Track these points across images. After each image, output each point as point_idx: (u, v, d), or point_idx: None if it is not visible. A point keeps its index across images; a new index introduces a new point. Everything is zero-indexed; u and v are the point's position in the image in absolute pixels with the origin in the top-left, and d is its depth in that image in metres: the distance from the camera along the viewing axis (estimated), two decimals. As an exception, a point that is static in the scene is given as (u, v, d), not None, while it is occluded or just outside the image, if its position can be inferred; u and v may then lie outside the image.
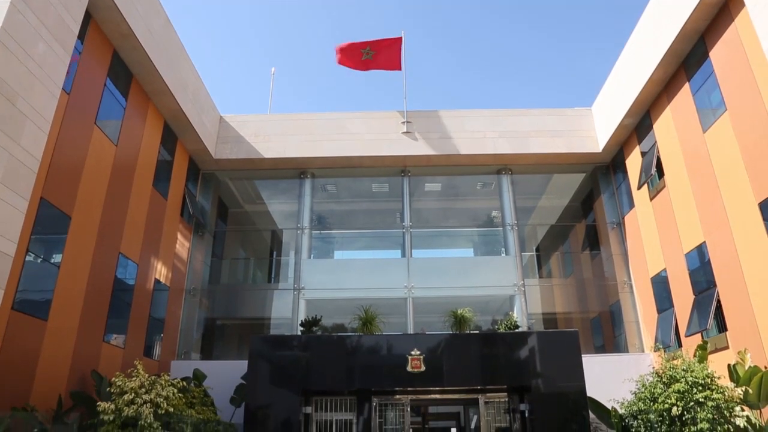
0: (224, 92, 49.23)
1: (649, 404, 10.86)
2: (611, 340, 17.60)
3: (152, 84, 14.49)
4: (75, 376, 11.36)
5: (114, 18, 12.34)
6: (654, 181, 15.62)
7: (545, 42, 47.13)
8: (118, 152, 13.33)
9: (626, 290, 17.01)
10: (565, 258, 21.45)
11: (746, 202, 11.57)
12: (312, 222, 18.72)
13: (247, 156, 17.94)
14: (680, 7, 12.99)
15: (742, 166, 11.74)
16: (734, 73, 11.99)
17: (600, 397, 12.21)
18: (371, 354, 12.63)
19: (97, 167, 12.46)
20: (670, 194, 14.71)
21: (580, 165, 18.73)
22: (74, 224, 11.49)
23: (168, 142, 16.05)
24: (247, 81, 52.36)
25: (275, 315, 18.13)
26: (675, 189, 14.51)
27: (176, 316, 16.35)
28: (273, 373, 12.35)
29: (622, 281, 17.16)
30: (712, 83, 12.81)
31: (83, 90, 11.92)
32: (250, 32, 50.43)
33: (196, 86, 16.63)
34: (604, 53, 46.32)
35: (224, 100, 51.13)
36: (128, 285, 13.78)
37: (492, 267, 18.13)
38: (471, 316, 13.76)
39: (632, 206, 16.93)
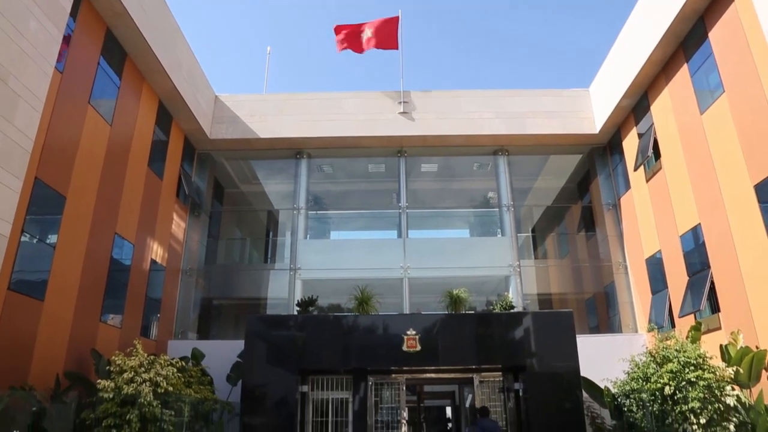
0: (219, 72, 48.81)
1: (642, 384, 11.01)
2: (605, 321, 17.76)
3: (146, 63, 14.34)
4: (72, 356, 11.42)
5: (107, -5, 12.17)
6: (650, 163, 15.63)
7: (543, 22, 46.73)
8: (113, 132, 13.24)
9: (621, 271, 17.12)
10: (561, 239, 21.53)
11: (742, 185, 11.60)
12: (308, 202, 18.70)
13: (243, 136, 17.84)
14: (680, -13, 12.87)
15: (739, 149, 11.74)
16: (733, 55, 11.94)
17: (593, 377, 12.36)
18: (367, 334, 12.71)
19: (92, 147, 12.38)
20: (667, 176, 14.73)
21: (577, 146, 18.71)
22: (69, 204, 11.45)
23: (163, 122, 15.94)
24: (243, 60, 51.89)
25: (272, 295, 18.19)
26: (671, 171, 14.53)
27: (173, 296, 16.40)
28: (270, 353, 12.43)
29: (617, 262, 17.26)
30: (711, 64, 12.75)
31: (76, 69, 11.79)
32: (246, 11, 49.82)
33: (191, 65, 16.47)
34: (603, 34, 45.99)
35: (220, 80, 50.70)
36: (124, 265, 13.79)
37: (488, 248, 18.19)
38: (466, 297, 13.84)
39: (628, 188, 16.96)
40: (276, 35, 49.34)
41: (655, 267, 15.37)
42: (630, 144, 16.86)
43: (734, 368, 10.69)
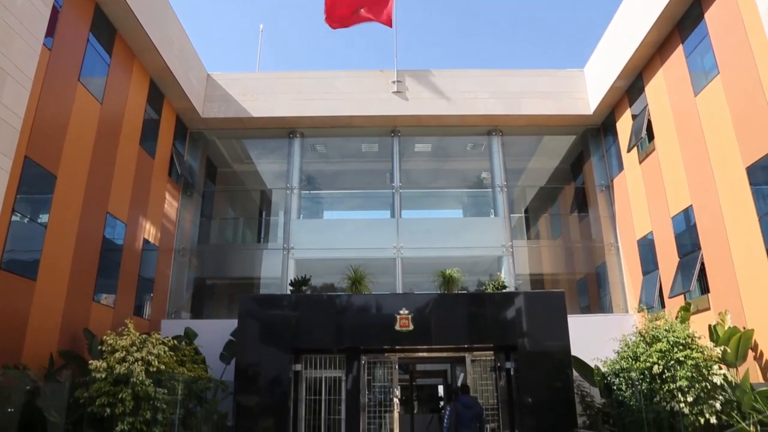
0: (211, 50, 48.23)
1: (631, 363, 11.16)
2: (596, 301, 17.93)
3: (137, 40, 14.13)
4: (65, 336, 11.43)
5: (95, -30, 11.94)
6: (644, 144, 15.65)
7: (539, 1, 46.30)
8: (104, 110, 13.09)
9: (613, 252, 17.23)
10: (554, 220, 21.61)
11: (734, 167, 11.65)
12: (301, 182, 18.64)
13: (236, 115, 17.70)
14: (677, -33, 12.75)
15: (732, 131, 11.76)
16: (728, 36, 11.89)
17: (584, 356, 12.51)
18: (360, 313, 12.79)
19: (82, 125, 12.25)
20: (660, 157, 14.76)
21: (571, 127, 18.69)
22: (60, 183, 11.36)
23: (154, 101, 15.77)
24: (235, 38, 51.24)
25: (265, 274, 18.21)
26: (664, 152, 14.56)
27: (166, 276, 16.39)
28: (263, 332, 12.49)
29: (609, 243, 17.37)
30: (706, 46, 12.70)
31: (65, 46, 11.61)
32: (237, -14, 49.07)
33: (183, 43, 16.25)
34: (599, 13, 45.66)
35: (211, 58, 50.10)
36: (117, 245, 13.75)
37: (481, 228, 18.23)
38: (459, 277, 13.92)
39: (621, 169, 16.99)
40: (268, 13, 48.72)
41: (647, 248, 15.47)
42: (624, 125, 16.84)
43: (722, 348, 10.86)
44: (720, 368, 10.57)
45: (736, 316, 11.41)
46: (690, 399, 10.07)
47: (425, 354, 13.65)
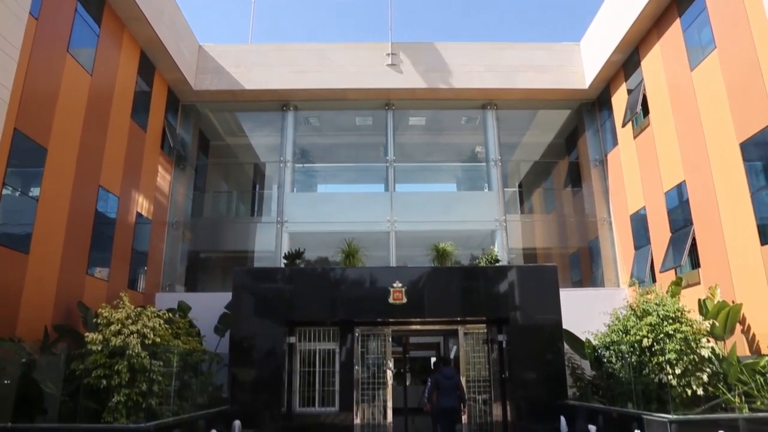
0: (203, 21, 47.41)
1: (622, 336, 11.31)
2: (588, 275, 18.09)
3: (126, 10, 13.85)
4: (60, 309, 11.46)
5: (83, -64, 11.64)
6: (638, 119, 15.62)
7: (536, -30, 45.60)
8: (93, 82, 12.90)
9: (605, 227, 17.33)
10: (547, 194, 21.66)
11: (728, 142, 11.66)
12: (295, 155, 18.55)
13: (228, 87, 17.49)
14: (676, -62, 12.56)
15: (727, 106, 11.75)
16: (726, 10, 11.78)
17: (575, 330, 12.67)
18: (354, 286, 12.87)
19: (72, 97, 12.08)
20: (654, 133, 14.75)
21: (566, 101, 18.61)
22: (51, 156, 11.25)
23: (145, 72, 15.54)
24: (227, 9, 50.36)
25: (258, 248, 18.22)
26: (659, 127, 14.54)
27: (159, 249, 16.38)
28: (257, 305, 12.57)
29: (602, 218, 17.45)
30: (704, 20, 12.59)
31: (53, 15, 11.37)
32: (229, -47, 48.04)
33: (173, 13, 15.95)
34: (596, -16, 44.98)
35: (203, 30, 49.28)
36: (109, 218, 13.69)
37: (474, 202, 18.26)
38: (452, 250, 13.99)
39: (616, 144, 16.98)
40: (261, -19, 47.74)
41: (639, 223, 15.57)
42: (619, 100, 16.78)
43: (710, 321, 11.02)
44: (708, 341, 10.73)
45: (726, 291, 11.56)
46: (678, 371, 10.24)
47: (418, 327, 13.80)
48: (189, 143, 18.25)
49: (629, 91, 16.14)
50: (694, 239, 12.84)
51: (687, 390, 10.24)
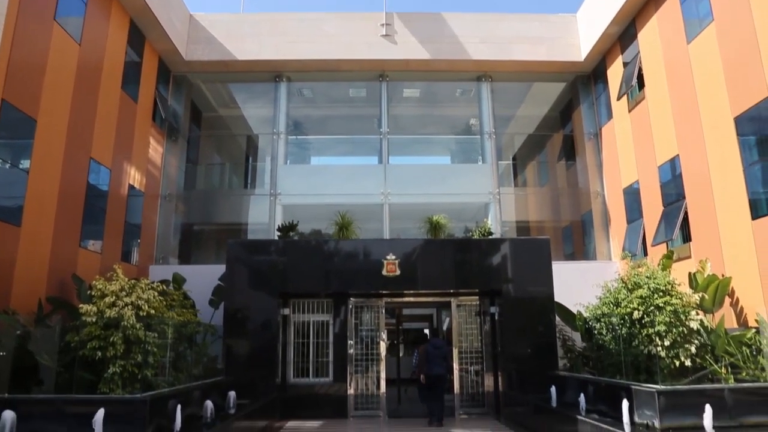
0: (193, -14, 46.29)
1: (613, 308, 11.45)
2: (581, 248, 18.22)
3: (115, -24, 13.55)
4: (53, 281, 11.45)
5: None
6: (634, 93, 15.55)
7: (533, -61, 44.72)
8: (82, 52, 12.67)
9: (598, 200, 17.38)
10: (541, 167, 21.66)
11: (722, 117, 11.64)
12: (288, 127, 18.41)
13: (220, 58, 17.22)
14: None
15: (723, 80, 11.69)
16: (724, -19, 11.65)
17: (566, 302, 12.81)
18: (347, 258, 12.93)
19: (61, 67, 11.87)
20: (649, 106, 14.71)
21: (561, 74, 18.45)
22: (41, 128, 11.11)
23: (135, 42, 15.25)
24: (217, -26, 49.16)
25: (252, 220, 18.21)
26: (654, 101, 14.49)
27: (152, 222, 16.33)
28: (251, 277, 12.62)
29: (595, 191, 17.50)
30: (701, -9, 12.45)
31: (39, -18, 11.10)
32: None
33: (163, -20, 15.60)
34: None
35: (193, -5, 48.12)
36: (102, 190, 13.61)
37: (468, 175, 18.24)
38: (446, 223, 14.04)
39: (610, 117, 16.93)
40: (252, -52, 46.63)
41: (632, 197, 15.63)
42: (614, 73, 16.67)
43: (700, 294, 11.16)
44: (697, 314, 10.89)
45: (716, 264, 11.68)
46: (667, 343, 10.42)
47: (412, 299, 13.93)
48: (181, 115, 18.05)
49: (625, 64, 16.02)
50: (686, 213, 12.92)
51: (675, 361, 10.44)
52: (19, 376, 8.75)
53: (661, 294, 10.91)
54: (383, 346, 13.17)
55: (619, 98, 16.15)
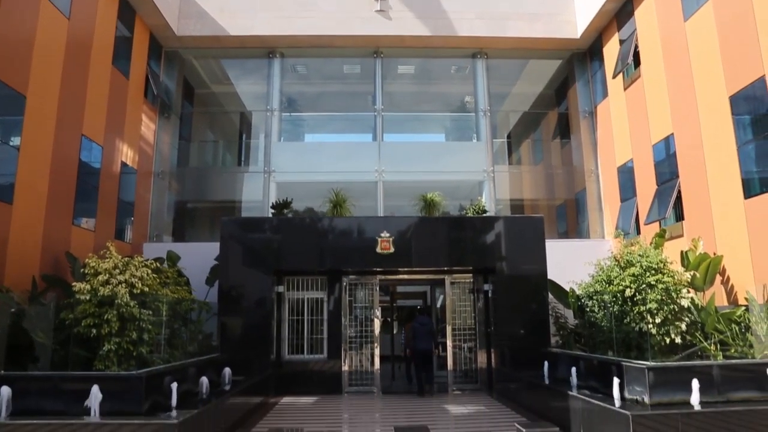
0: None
1: (605, 286, 11.55)
2: (574, 227, 18.30)
3: (104, -51, 13.27)
4: (47, 259, 11.42)
5: None
6: (630, 71, 15.47)
7: None
8: (71, 26, 12.45)
9: (593, 179, 17.41)
10: (536, 145, 21.63)
11: (717, 96, 11.62)
12: (282, 104, 18.26)
13: (212, 33, 16.97)
14: None
15: (719, 59, 11.64)
16: (723, -43, 11.53)
17: (559, 280, 12.91)
18: (342, 236, 12.94)
19: (50, 42, 11.68)
20: (645, 84, 14.65)
21: (557, 51, 18.33)
22: (30, 104, 10.96)
23: (125, 17, 14.99)
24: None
25: (246, 198, 18.15)
26: (649, 79, 14.43)
27: (146, 199, 16.26)
28: (245, 255, 12.63)
29: (590, 170, 17.51)
30: (699, -33, 12.32)
31: (26, -46, 10.86)
32: None
33: (153, -48, 15.29)
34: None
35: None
36: (94, 168, 13.51)
37: (463, 153, 18.21)
38: (440, 201, 14.05)
39: (606, 95, 16.87)
40: None
41: (626, 175, 15.65)
42: (611, 50, 16.56)
43: (691, 273, 11.27)
44: (688, 292, 11.01)
45: (708, 243, 11.77)
46: (658, 320, 10.55)
47: (406, 276, 13.98)
48: (173, 91, 17.85)
49: (621, 42, 15.92)
50: (680, 192, 12.97)
51: (666, 338, 10.58)
52: (15, 354, 8.78)
53: (653, 272, 11.01)
54: (377, 324, 13.26)
55: (615, 76, 16.08)
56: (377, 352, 13.09)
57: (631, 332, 10.89)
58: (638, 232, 14.48)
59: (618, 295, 11.15)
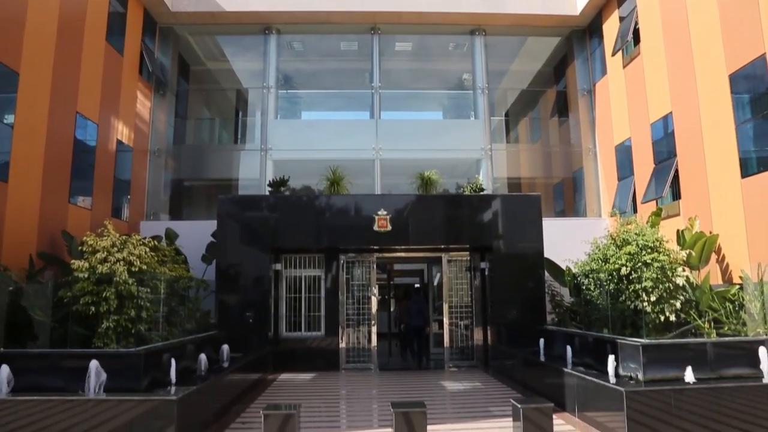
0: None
1: (601, 264, 11.61)
2: (571, 205, 18.32)
3: None
4: (44, 238, 11.40)
5: None
6: (629, 48, 15.34)
7: None
8: (63, 1, 12.25)
9: (590, 157, 17.38)
10: (534, 124, 21.53)
11: (717, 74, 11.54)
12: (278, 81, 18.10)
13: (207, 9, 16.72)
14: None
15: (720, 37, 11.54)
16: (725, -68, 11.35)
17: (556, 258, 12.97)
18: (339, 214, 12.96)
19: (42, 18, 11.49)
20: (644, 62, 14.54)
21: (556, 28, 18.13)
22: (24, 81, 10.83)
23: (118, -9, 14.78)
24: None
25: (243, 176, 18.09)
26: (649, 57, 14.32)
27: (142, 177, 16.19)
28: (243, 233, 12.65)
29: (587, 148, 17.47)
30: (701, -58, 12.14)
31: (17, -74, 10.64)
32: None
33: (146, -75, 15.00)
34: None
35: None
36: (89, 146, 13.41)
37: (460, 130, 18.12)
38: (438, 179, 14.04)
39: (604, 73, 16.75)
40: None
41: (624, 154, 15.63)
42: (610, 28, 16.40)
43: (687, 251, 11.32)
44: (684, 270, 11.08)
45: (704, 222, 11.81)
46: (653, 298, 10.62)
47: (403, 254, 14.05)
48: (168, 68, 17.66)
49: (621, 19, 15.75)
50: (677, 171, 12.96)
51: (660, 316, 10.67)
52: (13, 332, 8.81)
53: (649, 251, 11.05)
54: (374, 301, 13.35)
55: (614, 54, 15.95)
56: (374, 330, 13.20)
57: (626, 310, 10.97)
58: (635, 211, 14.51)
59: (614, 274, 11.21)
